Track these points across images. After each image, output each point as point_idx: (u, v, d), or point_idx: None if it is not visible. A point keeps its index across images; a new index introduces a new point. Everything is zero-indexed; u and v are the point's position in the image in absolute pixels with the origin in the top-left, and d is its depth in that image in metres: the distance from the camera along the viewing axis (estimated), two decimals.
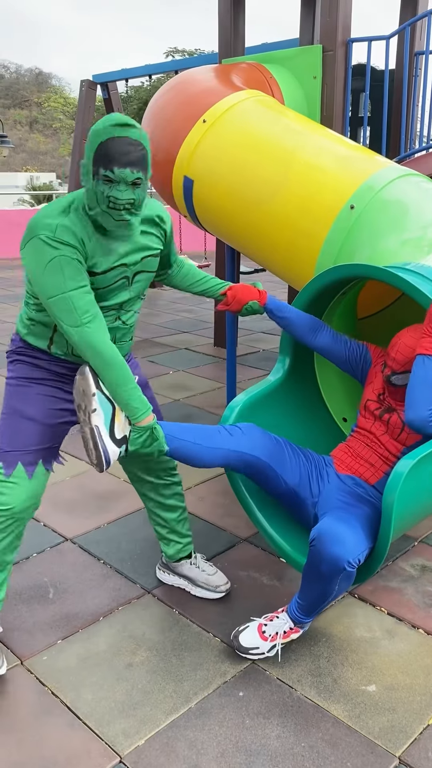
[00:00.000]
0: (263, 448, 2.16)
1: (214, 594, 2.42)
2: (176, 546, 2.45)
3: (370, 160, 3.16)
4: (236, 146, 3.42)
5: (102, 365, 1.87)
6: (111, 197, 1.77)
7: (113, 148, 1.73)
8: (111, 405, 1.94)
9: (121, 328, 2.05)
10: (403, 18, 5.19)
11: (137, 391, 1.93)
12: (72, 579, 2.56)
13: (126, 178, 1.75)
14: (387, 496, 1.87)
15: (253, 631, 2.13)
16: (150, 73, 7.74)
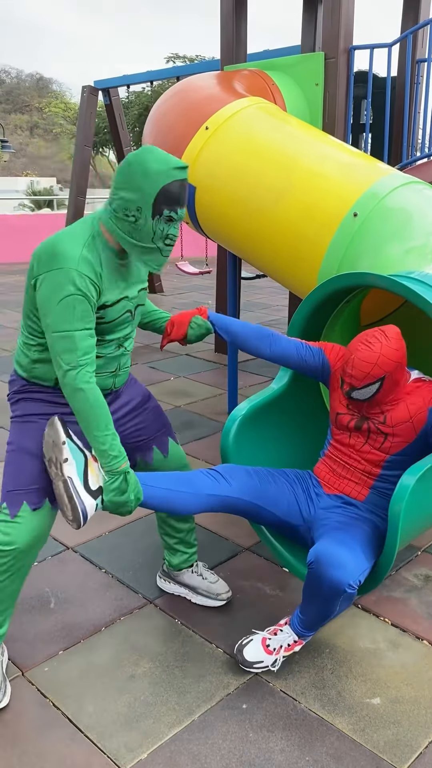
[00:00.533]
0: (245, 489, 2.11)
1: (215, 602, 2.41)
2: (182, 556, 2.44)
3: (373, 168, 3.15)
4: (239, 153, 3.42)
5: (87, 407, 1.83)
6: (170, 235, 1.87)
7: (176, 190, 1.82)
8: (83, 454, 1.89)
9: (124, 354, 2.07)
10: (405, 26, 5.20)
11: (116, 439, 1.89)
12: (73, 588, 2.54)
13: (181, 217, 1.87)
14: (393, 506, 1.85)
15: (257, 644, 2.11)
16: (151, 79, 7.75)
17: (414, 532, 2.05)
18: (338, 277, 2.29)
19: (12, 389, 2.06)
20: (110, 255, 1.90)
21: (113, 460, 1.87)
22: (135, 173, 1.80)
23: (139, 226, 1.83)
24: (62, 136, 44.08)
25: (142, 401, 2.26)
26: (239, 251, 3.80)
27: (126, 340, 2.04)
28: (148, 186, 1.79)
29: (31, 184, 31.44)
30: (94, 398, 1.84)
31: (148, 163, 1.79)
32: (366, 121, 4.84)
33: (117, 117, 8.49)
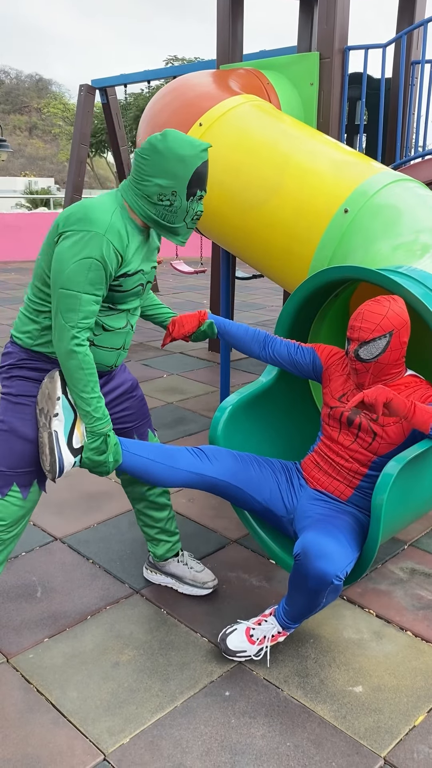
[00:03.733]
0: (227, 470, 2.14)
1: (201, 590, 2.42)
2: (166, 545, 2.45)
3: (365, 165, 3.17)
4: (232, 150, 3.44)
5: (77, 368, 1.88)
6: (198, 212, 1.98)
7: (205, 170, 1.93)
8: (73, 413, 1.96)
9: (129, 332, 2.11)
10: (400, 27, 5.24)
11: (101, 402, 1.94)
12: (60, 578, 2.55)
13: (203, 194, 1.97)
14: (376, 497, 1.87)
15: (240, 634, 2.11)
16: (148, 79, 7.77)
17: (398, 523, 2.06)
18: (327, 270, 2.30)
19: (7, 362, 2.04)
20: (134, 228, 1.95)
21: (97, 422, 1.93)
22: (169, 160, 1.87)
23: (174, 209, 1.92)
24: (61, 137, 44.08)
25: (131, 387, 2.27)
26: (232, 248, 3.82)
27: (133, 316, 2.09)
28: (183, 170, 1.88)
29: (29, 184, 31.46)
30: (86, 361, 1.88)
31: (180, 149, 1.86)
32: (360, 121, 4.87)
33: (114, 116, 8.51)
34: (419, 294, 2.14)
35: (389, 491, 1.86)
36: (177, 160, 1.87)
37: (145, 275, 2.05)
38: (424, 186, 3.22)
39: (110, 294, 1.95)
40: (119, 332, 2.05)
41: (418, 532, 2.91)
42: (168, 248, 10.94)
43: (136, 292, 2.02)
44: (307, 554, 1.88)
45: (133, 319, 2.10)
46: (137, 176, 1.92)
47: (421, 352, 2.96)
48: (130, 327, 2.09)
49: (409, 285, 2.15)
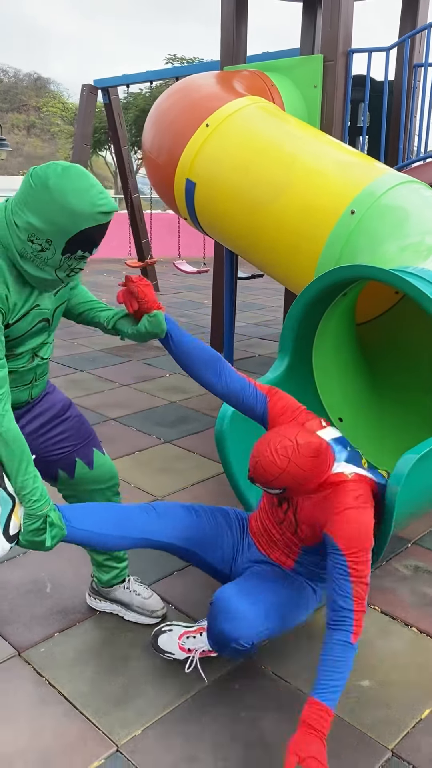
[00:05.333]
0: (179, 532, 2.00)
1: (148, 619, 2.27)
2: (113, 572, 2.30)
3: (371, 167, 3.21)
4: (239, 150, 3.47)
5: (4, 449, 1.69)
6: (76, 268, 1.70)
7: (97, 233, 1.63)
8: (11, 501, 1.76)
9: (40, 365, 1.93)
10: (403, 31, 5.28)
11: (38, 480, 1.75)
12: (69, 574, 2.57)
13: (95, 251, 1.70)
14: (390, 489, 1.89)
15: (173, 637, 2.06)
16: (151, 79, 7.80)
17: (411, 515, 2.09)
18: (338, 269, 2.34)
19: None
20: (17, 261, 1.68)
21: (34, 504, 1.74)
22: (52, 204, 1.55)
23: (44, 257, 1.63)
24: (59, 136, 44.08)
25: (62, 409, 2.10)
26: (237, 247, 3.85)
27: (41, 349, 1.89)
28: (66, 223, 1.57)
29: None
30: (12, 438, 1.69)
31: (70, 199, 1.55)
32: (363, 123, 4.90)
33: (116, 116, 8.54)
34: (430, 293, 2.17)
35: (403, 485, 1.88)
36: (63, 210, 1.55)
37: (46, 309, 1.82)
38: (429, 188, 3.25)
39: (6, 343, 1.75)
40: (24, 370, 1.87)
41: (422, 531, 2.95)
42: (171, 247, 10.96)
43: (37, 329, 1.82)
44: (216, 609, 1.80)
45: (42, 350, 1.90)
46: (18, 198, 1.63)
47: (427, 352, 3.00)
48: (39, 359, 1.90)
49: (420, 285, 2.18)
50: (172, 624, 2.11)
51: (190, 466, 3.59)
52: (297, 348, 2.60)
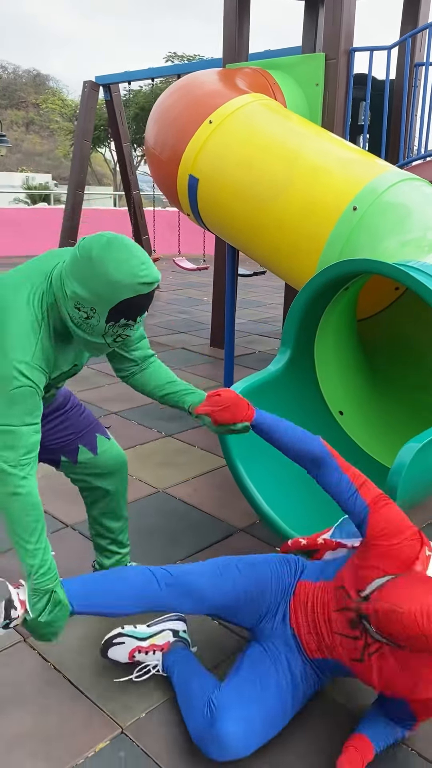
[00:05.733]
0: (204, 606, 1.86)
1: None
2: (115, 557, 2.34)
3: (373, 164, 3.25)
4: (242, 146, 3.51)
5: (20, 514, 1.67)
6: (123, 335, 1.73)
7: (140, 303, 1.64)
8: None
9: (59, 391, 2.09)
10: (404, 30, 5.31)
11: (48, 553, 1.73)
12: (72, 563, 2.60)
13: (141, 320, 1.73)
14: (391, 479, 1.93)
15: (124, 651, 2.00)
16: (153, 76, 7.82)
17: (412, 503, 2.13)
18: (341, 263, 2.37)
19: None
20: (62, 327, 1.75)
21: (41, 577, 1.71)
22: (94, 275, 1.60)
23: (91, 324, 1.67)
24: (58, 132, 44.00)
25: (63, 402, 2.15)
26: (239, 243, 3.88)
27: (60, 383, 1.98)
28: (107, 293, 1.60)
29: (27, 179, 31.44)
30: (32, 504, 1.68)
31: (111, 271, 1.58)
32: (365, 122, 4.94)
33: (117, 113, 8.57)
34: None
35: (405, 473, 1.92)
36: (104, 281, 1.59)
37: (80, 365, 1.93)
38: (430, 185, 3.29)
39: None
40: (47, 396, 1.95)
41: (419, 523, 2.99)
42: (171, 245, 10.98)
43: (64, 379, 1.92)
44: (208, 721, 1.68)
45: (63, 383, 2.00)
46: (66, 267, 1.67)
47: (428, 347, 3.04)
48: (55, 390, 2.02)
49: (421, 278, 2.21)
50: (123, 635, 2.01)
51: (191, 460, 3.63)
52: (299, 341, 2.63)
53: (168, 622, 2.08)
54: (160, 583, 1.83)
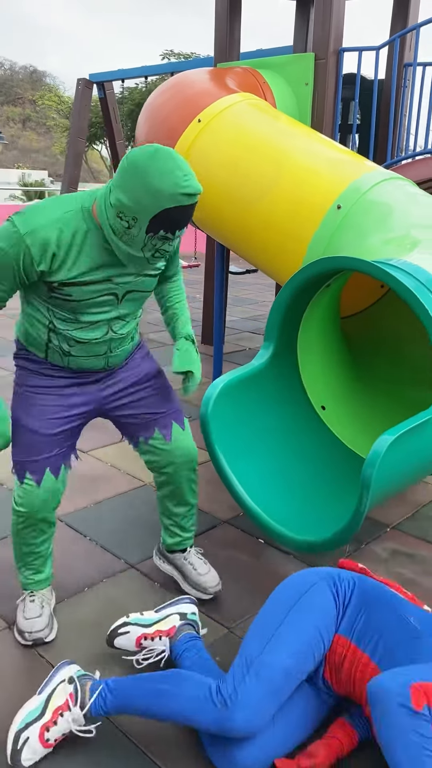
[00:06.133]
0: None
1: (203, 595, 2.35)
2: (176, 538, 2.40)
3: (358, 164, 3.30)
4: (229, 146, 3.56)
5: None
6: (162, 249, 1.78)
7: (180, 215, 1.68)
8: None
9: (114, 338, 2.02)
10: (394, 30, 5.37)
11: None
12: (59, 553, 2.66)
13: (181, 234, 1.77)
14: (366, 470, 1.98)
15: (130, 640, 2.02)
16: (146, 75, 7.87)
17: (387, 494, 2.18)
18: (321, 260, 2.42)
19: (14, 352, 2.14)
20: (97, 235, 1.81)
21: None
22: (137, 183, 1.64)
23: (131, 234, 1.71)
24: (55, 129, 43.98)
25: (145, 377, 2.21)
26: (228, 242, 3.94)
27: (115, 324, 1.99)
28: (148, 202, 1.65)
29: (23, 176, 31.41)
30: None
31: (157, 181, 1.62)
32: (353, 121, 4.99)
33: (111, 110, 8.60)
34: (411, 286, 2.25)
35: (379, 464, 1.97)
36: (147, 189, 1.63)
37: (120, 285, 1.91)
38: (414, 185, 3.35)
39: (63, 303, 1.88)
40: (95, 342, 1.98)
41: (400, 516, 3.05)
42: None
43: (102, 302, 1.90)
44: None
45: (117, 325, 2.00)
46: (114, 178, 1.74)
47: (411, 344, 3.10)
48: (114, 334, 2.00)
49: (400, 276, 2.26)
50: (129, 624, 2.03)
51: None
52: (282, 336, 2.69)
53: (177, 605, 2.09)
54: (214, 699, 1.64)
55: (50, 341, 1.99)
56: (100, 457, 3.59)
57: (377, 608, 1.74)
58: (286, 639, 1.67)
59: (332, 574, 1.82)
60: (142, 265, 1.82)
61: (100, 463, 3.52)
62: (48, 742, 1.69)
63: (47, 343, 2.00)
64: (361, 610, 1.74)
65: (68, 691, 1.75)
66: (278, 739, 1.67)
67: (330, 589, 1.76)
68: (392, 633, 1.68)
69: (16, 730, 1.68)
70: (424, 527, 2.96)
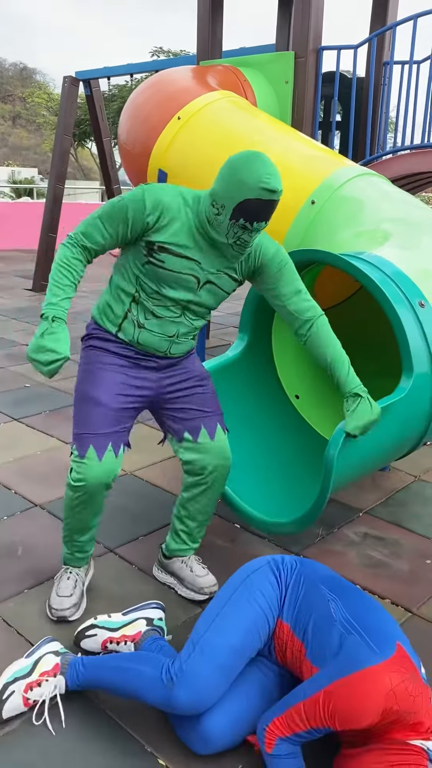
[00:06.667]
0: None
1: (197, 595, 2.37)
2: (182, 546, 2.45)
3: (332, 160, 3.39)
4: (208, 142, 3.64)
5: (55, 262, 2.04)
6: (242, 239, 1.98)
7: (259, 208, 1.90)
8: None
9: (184, 324, 2.16)
10: (374, 29, 5.45)
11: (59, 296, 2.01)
12: (40, 539, 2.74)
13: (259, 228, 1.97)
14: (328, 451, 2.07)
15: (96, 643, 2.06)
16: (132, 72, 7.91)
17: (349, 478, 2.28)
18: (291, 253, 2.50)
19: (85, 332, 2.26)
20: (194, 220, 2.04)
21: (49, 307, 2.00)
22: (229, 174, 1.91)
23: (219, 220, 1.96)
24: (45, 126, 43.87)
25: (199, 377, 2.32)
26: None
27: (188, 309, 2.14)
28: (234, 191, 1.90)
29: (13, 173, 31.34)
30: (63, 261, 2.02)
31: (243, 174, 1.88)
32: (333, 118, 5.08)
33: (97, 108, 8.65)
34: (377, 278, 2.34)
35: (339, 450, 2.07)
36: (236, 181, 1.89)
37: (205, 271, 2.08)
38: (387, 181, 3.44)
39: (154, 271, 2.05)
40: (169, 320, 2.12)
41: (373, 502, 3.15)
42: None
43: (184, 281, 2.07)
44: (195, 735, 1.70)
45: (191, 311, 2.15)
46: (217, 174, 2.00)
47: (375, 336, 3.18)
48: (187, 320, 2.16)
49: (366, 268, 2.35)
50: (96, 626, 2.07)
51: (160, 445, 3.76)
52: (256, 328, 2.77)
53: (144, 610, 2.12)
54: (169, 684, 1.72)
55: (130, 310, 2.14)
56: None
57: (311, 590, 1.80)
58: (229, 618, 1.75)
59: (276, 559, 1.90)
60: (227, 252, 2.04)
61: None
62: (28, 701, 1.82)
63: (126, 313, 2.14)
64: (298, 591, 1.81)
65: (55, 661, 1.89)
66: (241, 712, 1.73)
67: (273, 572, 1.85)
68: (319, 616, 1.73)
69: (5, 681, 1.83)
70: (395, 512, 3.06)
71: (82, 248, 2.04)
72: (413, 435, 2.48)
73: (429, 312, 2.38)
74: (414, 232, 2.89)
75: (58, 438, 3.79)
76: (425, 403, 2.38)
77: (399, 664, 1.54)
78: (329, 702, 1.53)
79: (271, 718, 1.63)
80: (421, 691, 1.54)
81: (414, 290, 2.42)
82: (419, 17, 4.35)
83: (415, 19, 4.37)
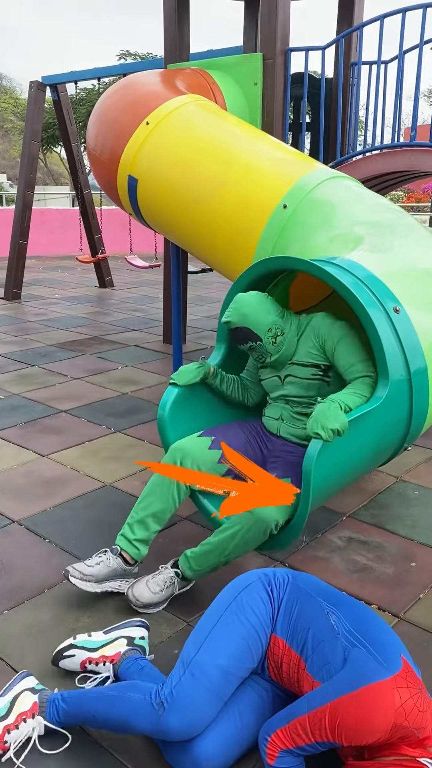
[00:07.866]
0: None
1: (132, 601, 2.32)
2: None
3: (303, 163, 3.37)
4: (178, 147, 3.60)
5: None
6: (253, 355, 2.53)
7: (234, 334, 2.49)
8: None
9: (286, 408, 2.52)
10: (340, 30, 5.47)
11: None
12: (19, 556, 2.67)
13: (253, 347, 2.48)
14: (306, 462, 2.04)
15: (75, 663, 2.01)
16: (99, 76, 7.84)
17: (329, 490, 2.25)
18: (265, 260, 2.48)
19: None
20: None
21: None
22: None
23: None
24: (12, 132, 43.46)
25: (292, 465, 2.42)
26: (180, 242, 3.98)
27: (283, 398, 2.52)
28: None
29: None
30: None
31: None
32: (302, 119, 5.07)
33: (65, 113, 8.56)
34: (348, 283, 2.33)
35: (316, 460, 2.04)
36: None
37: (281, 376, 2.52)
38: (358, 183, 3.43)
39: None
40: (272, 403, 2.57)
41: (356, 505, 3.13)
42: (123, 243, 11.00)
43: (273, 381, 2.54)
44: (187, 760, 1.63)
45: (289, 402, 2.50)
46: None
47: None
48: (284, 404, 2.51)
49: (338, 274, 2.33)
50: (75, 647, 2.02)
51: (140, 454, 3.71)
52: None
53: (126, 628, 2.07)
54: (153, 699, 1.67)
55: None
56: (59, 459, 3.60)
57: (307, 603, 1.76)
58: (220, 638, 1.69)
59: (267, 573, 1.85)
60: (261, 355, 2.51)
61: (59, 466, 3.53)
62: (5, 744, 1.72)
63: None
64: (293, 606, 1.77)
65: (33, 700, 1.80)
66: (234, 733, 1.68)
67: (264, 588, 1.79)
68: (319, 629, 1.70)
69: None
70: (377, 515, 3.05)
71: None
72: (393, 442, 2.46)
73: (404, 317, 2.36)
74: (386, 234, 2.88)
75: (33, 450, 3.71)
76: (404, 409, 2.37)
77: (406, 679, 1.52)
78: (336, 716, 1.49)
79: (275, 728, 1.58)
80: (428, 707, 1.51)
81: (388, 295, 2.41)
82: (385, 17, 4.36)
83: (381, 20, 4.38)
